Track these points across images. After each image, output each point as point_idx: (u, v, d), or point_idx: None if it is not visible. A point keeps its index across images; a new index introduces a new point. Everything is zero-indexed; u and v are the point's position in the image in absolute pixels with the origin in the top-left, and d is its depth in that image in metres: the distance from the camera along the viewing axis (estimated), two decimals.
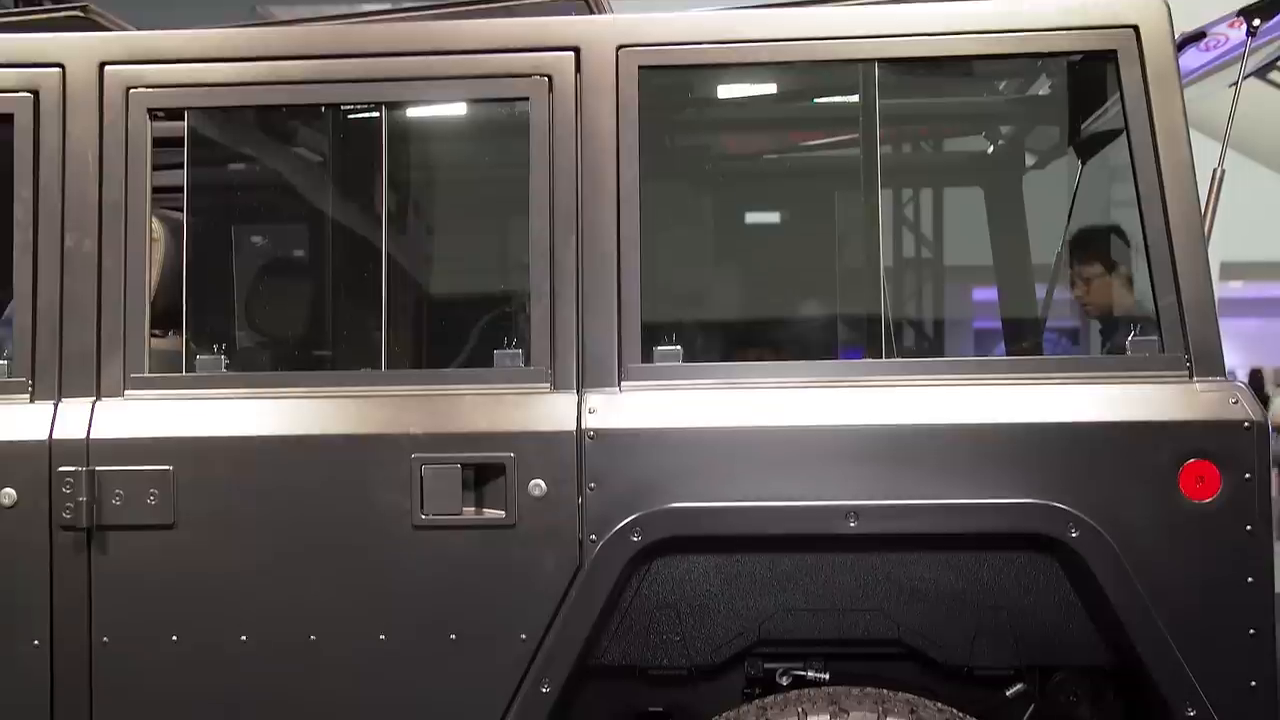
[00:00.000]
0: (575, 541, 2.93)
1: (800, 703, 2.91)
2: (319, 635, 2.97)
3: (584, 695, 3.26)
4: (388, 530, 2.96)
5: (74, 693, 2.99)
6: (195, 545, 2.99)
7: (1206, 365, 2.93)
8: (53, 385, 3.06)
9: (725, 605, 3.10)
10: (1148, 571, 2.84)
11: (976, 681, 3.20)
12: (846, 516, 2.89)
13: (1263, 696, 2.86)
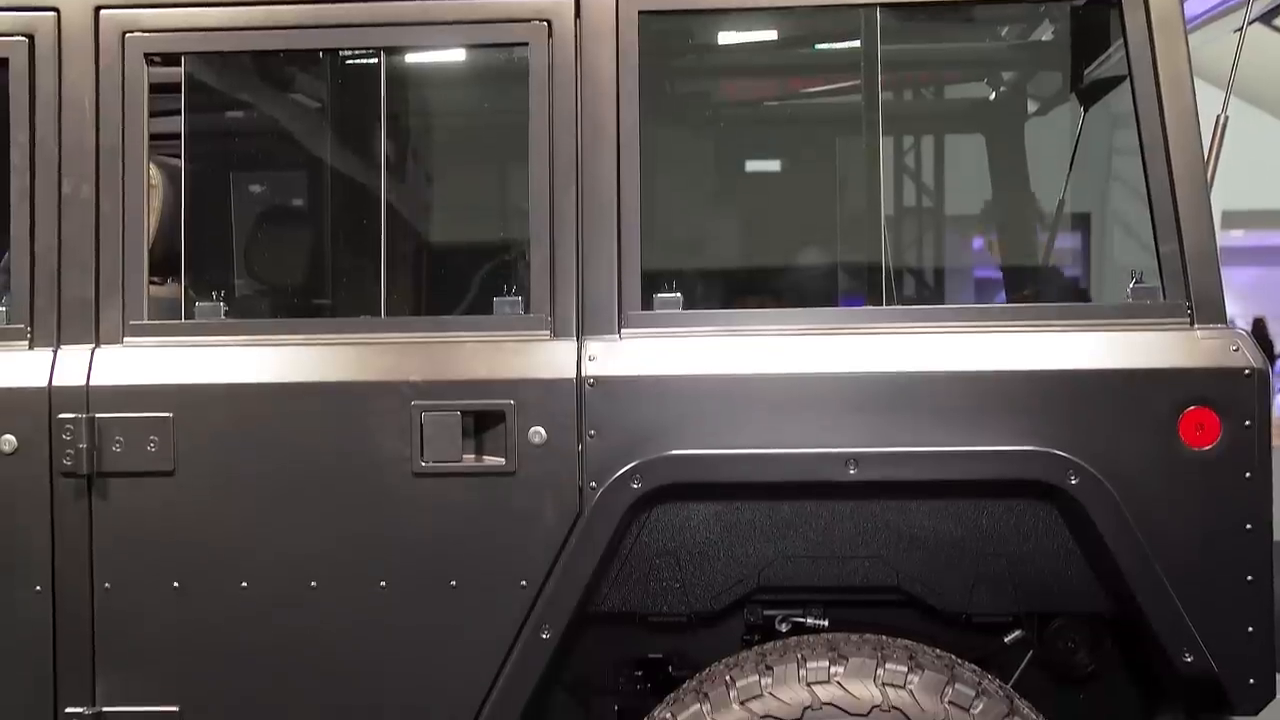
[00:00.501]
0: (575, 489, 2.94)
1: (799, 649, 2.91)
2: (320, 582, 2.98)
3: (584, 642, 3.27)
4: (387, 478, 2.96)
5: (76, 638, 3.00)
6: (195, 492, 2.99)
7: (1208, 312, 2.93)
8: (51, 332, 3.05)
9: (725, 552, 3.11)
10: (1147, 519, 2.85)
11: (975, 628, 3.22)
12: (846, 464, 2.90)
13: (1259, 642, 2.87)
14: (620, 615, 3.18)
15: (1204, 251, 2.94)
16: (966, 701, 2.79)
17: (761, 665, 2.88)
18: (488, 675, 2.96)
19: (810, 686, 2.81)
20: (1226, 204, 12.08)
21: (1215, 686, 2.87)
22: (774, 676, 2.84)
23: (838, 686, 2.80)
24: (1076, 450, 2.86)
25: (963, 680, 2.83)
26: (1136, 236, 4.89)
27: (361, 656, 2.99)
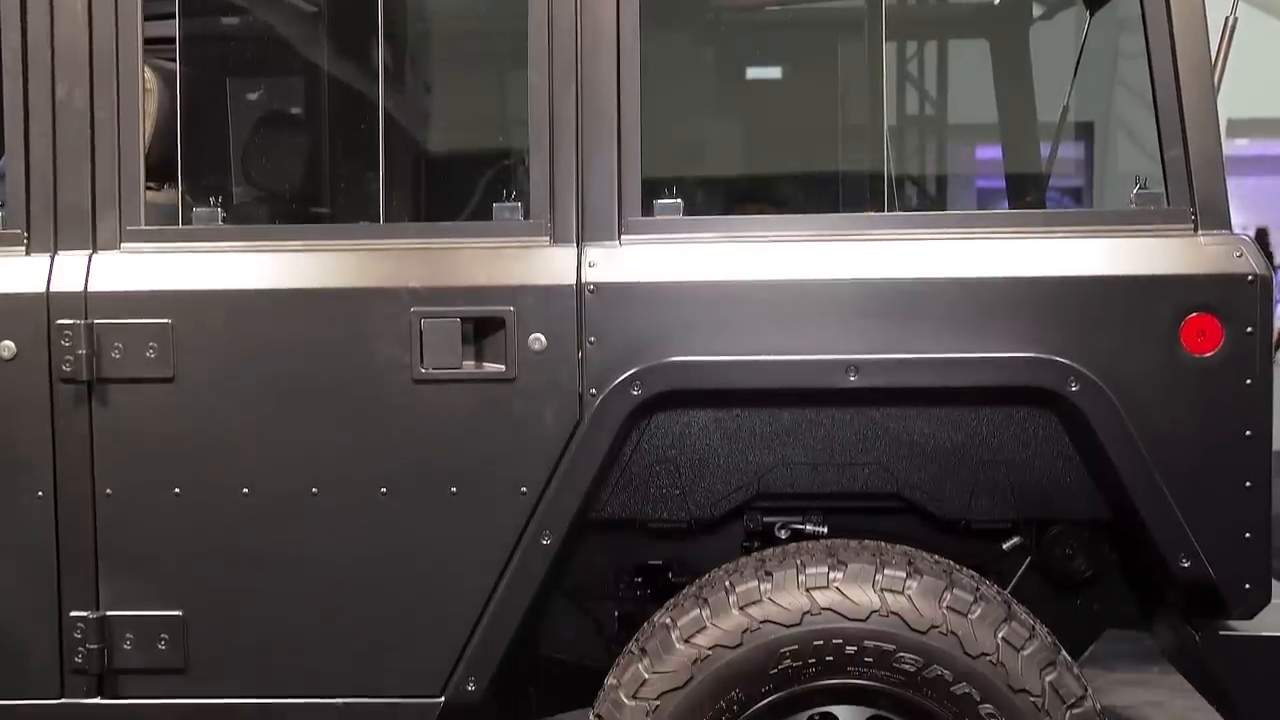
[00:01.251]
0: (575, 395, 2.93)
1: (799, 555, 2.93)
2: (320, 489, 2.99)
3: (584, 548, 3.28)
4: (387, 384, 2.96)
5: (79, 544, 3.01)
6: (195, 399, 2.99)
7: (1212, 218, 2.91)
8: (48, 238, 3.04)
9: (725, 459, 3.12)
10: (1146, 425, 2.85)
11: (974, 535, 3.23)
12: (846, 370, 2.89)
13: (1256, 548, 2.88)
14: (620, 522, 3.19)
15: (1209, 156, 2.92)
16: (964, 607, 2.81)
17: (761, 571, 2.90)
18: (488, 581, 2.98)
19: (809, 592, 2.83)
20: (1232, 112, 11.98)
21: (1212, 591, 2.89)
22: (773, 582, 2.85)
23: (836, 592, 2.82)
24: (1077, 357, 2.85)
25: (961, 586, 2.85)
26: (1141, 144, 4.85)
27: (362, 563, 3.00)
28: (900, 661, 2.80)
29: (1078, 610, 3.38)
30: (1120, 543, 3.24)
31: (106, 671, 3.03)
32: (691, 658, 2.84)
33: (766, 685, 2.84)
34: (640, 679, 2.86)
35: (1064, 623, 3.25)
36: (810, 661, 2.82)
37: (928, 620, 2.79)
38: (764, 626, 2.82)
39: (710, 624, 2.84)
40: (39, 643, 3.03)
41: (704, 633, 2.84)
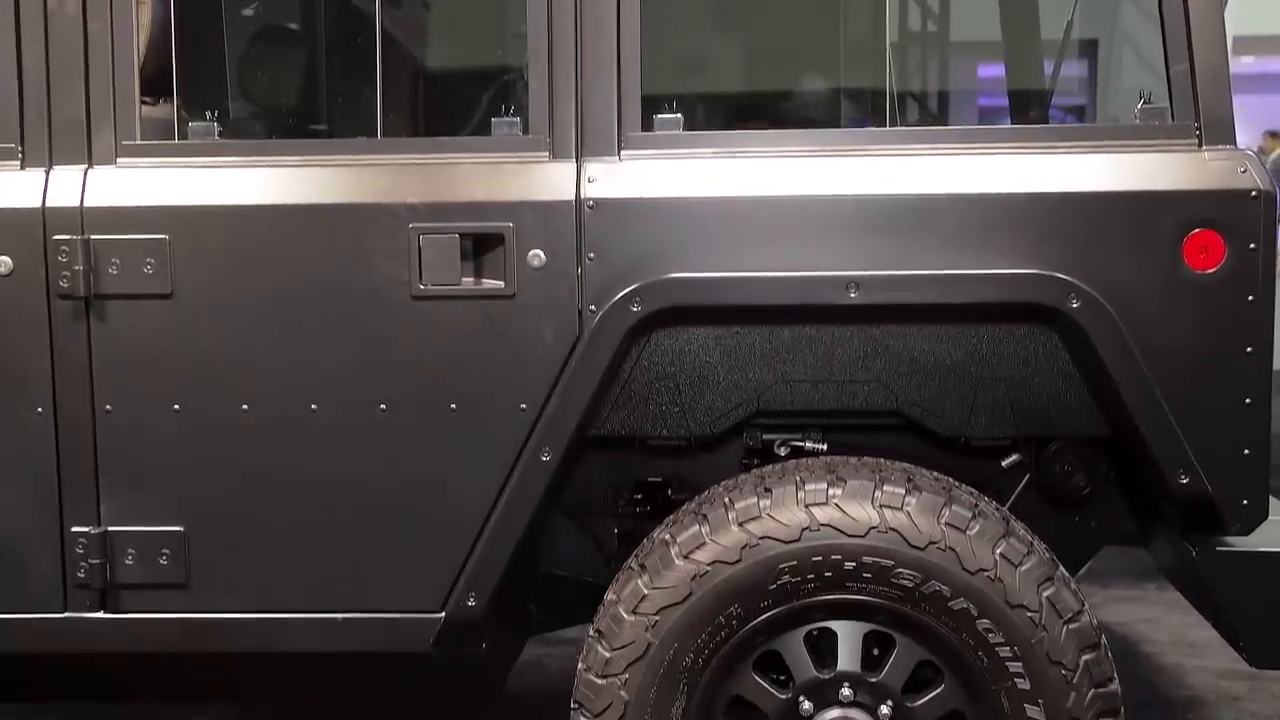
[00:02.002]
0: (575, 312, 2.93)
1: (798, 472, 2.93)
2: (320, 405, 2.99)
3: (584, 466, 3.29)
4: (386, 301, 2.95)
5: (79, 460, 3.02)
6: (193, 315, 2.98)
7: (1217, 133, 2.89)
8: (43, 152, 3.01)
9: (724, 377, 3.11)
10: (1147, 341, 2.84)
11: (973, 453, 3.24)
12: (847, 287, 2.88)
13: (1254, 464, 2.88)
14: (620, 439, 3.19)
15: (1215, 70, 2.89)
16: (963, 523, 2.82)
17: (760, 488, 2.90)
18: (488, 498, 2.98)
19: (808, 508, 2.84)
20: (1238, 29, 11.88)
21: (1209, 507, 2.89)
22: (772, 499, 2.86)
23: (835, 508, 2.83)
24: (1078, 273, 2.84)
25: (960, 502, 2.85)
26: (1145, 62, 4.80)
27: (362, 479, 3.01)
28: (899, 577, 2.81)
29: (1075, 527, 3.39)
30: (1119, 459, 3.25)
31: (109, 587, 3.05)
32: (691, 573, 2.85)
33: (765, 601, 2.86)
34: (640, 594, 2.88)
35: (1062, 539, 3.26)
36: (809, 577, 2.84)
37: (926, 536, 2.80)
38: (763, 543, 2.84)
39: (709, 540, 2.86)
40: (42, 558, 3.05)
41: (703, 549, 2.86)
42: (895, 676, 2.91)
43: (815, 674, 2.92)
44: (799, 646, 2.93)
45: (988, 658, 2.82)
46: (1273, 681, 4.85)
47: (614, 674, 2.89)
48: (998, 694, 2.84)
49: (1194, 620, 5.21)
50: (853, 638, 2.93)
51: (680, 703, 2.90)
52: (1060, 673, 2.80)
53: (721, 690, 2.94)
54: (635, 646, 2.87)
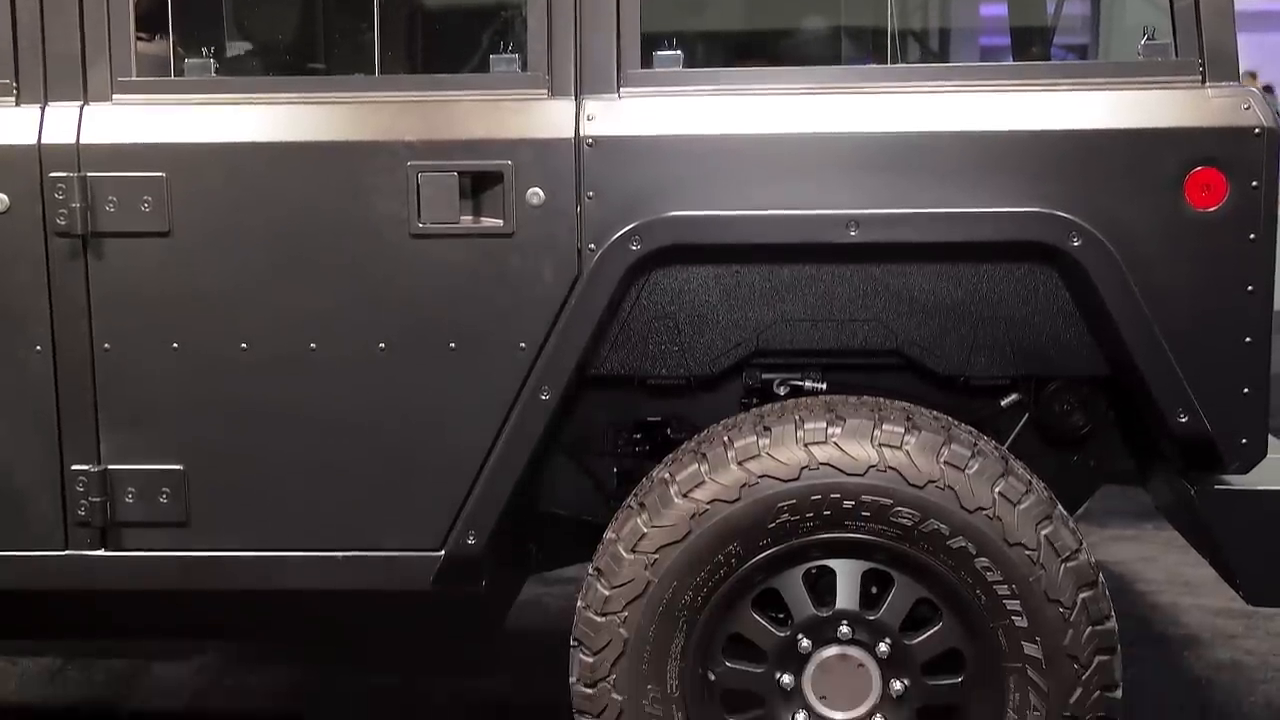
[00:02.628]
0: (574, 250, 2.92)
1: (797, 411, 2.93)
2: (319, 344, 2.99)
3: (583, 405, 3.29)
4: (385, 239, 2.94)
5: (78, 399, 3.02)
6: (191, 253, 2.97)
7: (1221, 70, 2.87)
8: (38, 88, 2.99)
9: (724, 316, 3.11)
10: (1148, 280, 2.83)
11: (972, 392, 3.24)
12: (847, 225, 2.87)
13: (1254, 403, 2.88)
14: (619, 378, 3.19)
15: (1219, 6, 2.86)
16: (962, 462, 2.82)
17: (759, 426, 2.90)
18: (487, 436, 2.98)
19: (807, 447, 2.84)
20: None
21: (1208, 446, 2.89)
22: (772, 437, 2.86)
23: (835, 447, 2.83)
24: (1079, 212, 2.83)
25: (959, 441, 2.86)
26: None
27: (361, 418, 3.01)
28: (897, 516, 2.82)
29: (1074, 466, 3.39)
30: (1118, 399, 3.25)
31: (109, 524, 3.05)
32: (690, 512, 2.86)
33: (764, 539, 2.87)
34: (639, 533, 2.89)
35: (1060, 478, 3.27)
36: (808, 516, 2.84)
37: (925, 475, 2.81)
38: (762, 481, 2.84)
39: (709, 479, 2.86)
40: (43, 496, 3.05)
41: (702, 487, 2.86)
42: (893, 614, 2.93)
43: (814, 612, 2.94)
44: (798, 585, 2.94)
45: (986, 596, 2.83)
46: (1268, 619, 4.88)
47: (613, 612, 2.90)
48: (995, 632, 2.85)
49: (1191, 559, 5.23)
50: (851, 576, 2.94)
51: (679, 640, 2.91)
52: (1058, 610, 2.81)
53: (720, 628, 2.96)
54: (634, 584, 2.88)
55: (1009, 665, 2.86)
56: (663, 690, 2.92)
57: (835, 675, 2.94)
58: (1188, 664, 4.55)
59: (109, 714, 4.30)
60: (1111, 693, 2.84)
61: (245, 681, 4.51)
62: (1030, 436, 3.30)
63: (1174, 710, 4.17)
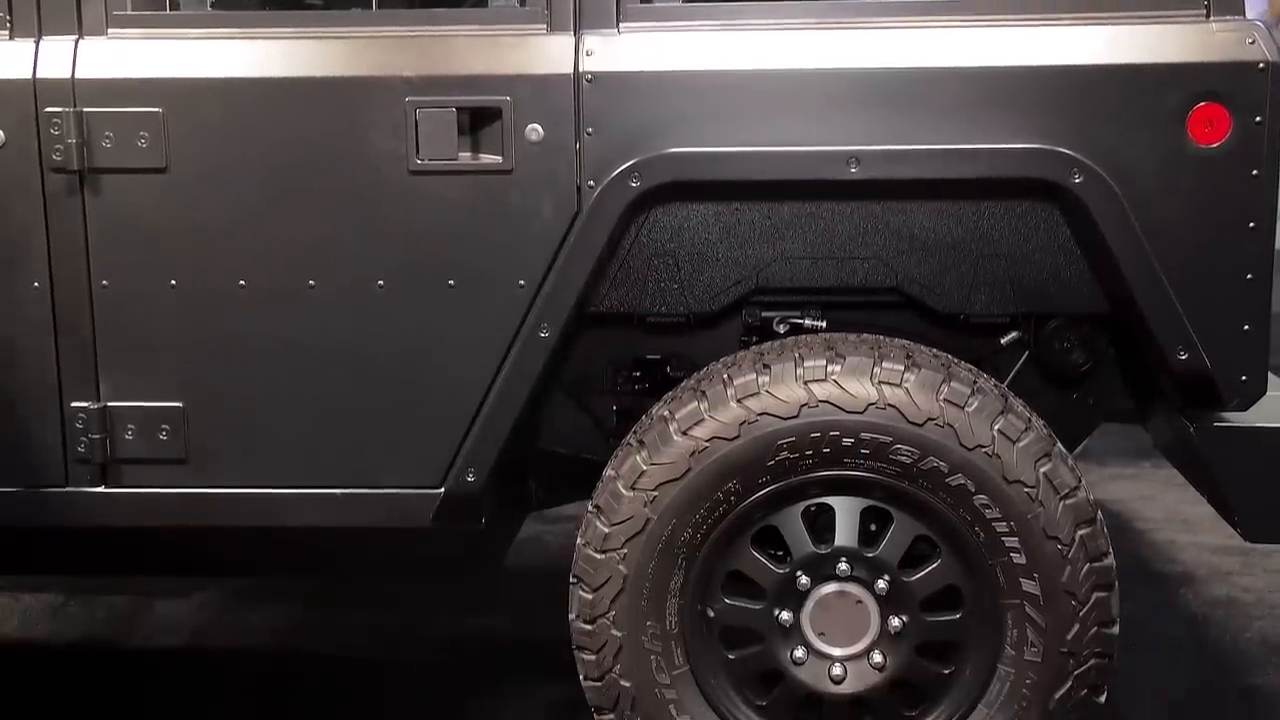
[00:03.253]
0: (573, 187, 2.90)
1: (797, 348, 2.93)
2: (317, 281, 2.98)
3: (582, 344, 3.29)
4: (383, 175, 2.93)
5: (77, 335, 3.01)
6: (189, 189, 2.96)
7: (1224, 4, 2.84)
8: (32, 22, 2.96)
9: (723, 253, 3.10)
10: (1149, 217, 2.82)
11: (972, 330, 3.23)
12: (848, 162, 2.85)
13: (1254, 340, 2.87)
14: (618, 316, 3.18)
15: None
16: (962, 399, 2.82)
17: (759, 364, 2.90)
18: (487, 374, 2.98)
19: (807, 385, 2.83)
20: None
21: (1208, 383, 2.89)
22: (771, 375, 2.86)
23: (834, 385, 2.83)
24: (1081, 148, 2.81)
25: (958, 379, 2.85)
26: None
27: (361, 355, 3.00)
28: (897, 453, 2.82)
29: (1073, 404, 3.40)
30: (1118, 336, 3.24)
31: (109, 461, 3.06)
32: (689, 449, 2.86)
33: (764, 477, 2.87)
34: (638, 470, 2.89)
35: (1060, 416, 3.27)
36: (807, 453, 2.84)
37: (925, 413, 2.80)
38: (761, 419, 2.84)
39: (708, 416, 2.86)
40: (42, 433, 3.05)
41: (702, 425, 2.86)
42: (892, 552, 2.93)
43: (813, 549, 2.94)
44: (797, 522, 2.95)
45: (984, 533, 2.84)
46: (1264, 556, 4.90)
47: (612, 549, 2.91)
48: (994, 569, 2.86)
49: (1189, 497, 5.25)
50: (850, 513, 2.94)
51: (678, 577, 2.92)
52: (1056, 547, 2.82)
53: (719, 565, 2.97)
54: (634, 522, 2.89)
55: (1007, 602, 2.87)
56: (662, 627, 2.94)
57: (834, 612, 2.95)
58: (1184, 601, 4.58)
59: (110, 650, 4.33)
60: (1109, 629, 2.86)
61: (245, 619, 4.54)
62: (1030, 374, 3.30)
63: (1170, 646, 4.19)
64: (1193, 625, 4.37)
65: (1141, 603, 4.49)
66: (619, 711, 2.96)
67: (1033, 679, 2.87)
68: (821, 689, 2.97)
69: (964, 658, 2.96)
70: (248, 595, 4.71)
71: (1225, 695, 3.86)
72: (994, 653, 2.90)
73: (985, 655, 2.92)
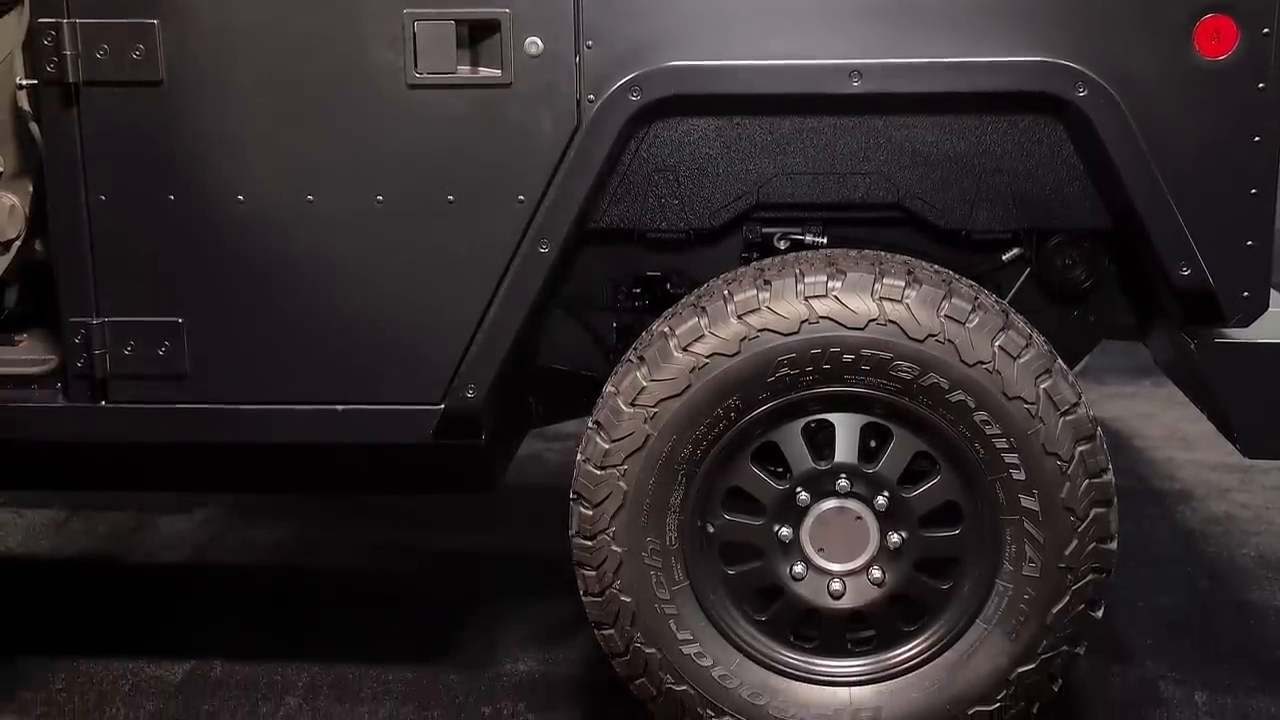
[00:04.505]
0: (573, 101, 2.87)
1: (798, 264, 2.91)
2: (316, 196, 2.96)
3: (582, 260, 3.28)
4: (381, 89, 2.90)
5: (75, 249, 3.00)
6: (185, 103, 2.93)
7: None
8: None
9: (724, 168, 3.07)
10: (1154, 131, 2.79)
11: (973, 247, 3.22)
12: (850, 76, 2.83)
13: (1257, 255, 2.86)
14: (618, 233, 3.17)
15: None
16: (962, 315, 2.81)
17: (760, 280, 2.89)
18: (487, 290, 2.97)
19: (808, 301, 2.82)
20: None
21: (1210, 299, 2.88)
22: (772, 291, 2.85)
23: (835, 300, 2.82)
24: (1086, 61, 2.78)
25: (959, 295, 2.84)
26: None
27: (360, 272, 2.99)
28: (897, 370, 2.81)
29: (1074, 321, 3.39)
30: (1120, 253, 3.23)
31: (109, 376, 3.05)
32: (689, 366, 2.85)
33: (764, 393, 2.87)
34: (639, 386, 2.88)
35: (1061, 333, 3.27)
36: (807, 370, 2.84)
37: (925, 329, 2.79)
38: (762, 335, 2.83)
39: (708, 332, 2.85)
40: None
41: (702, 341, 2.85)
42: (892, 468, 2.94)
43: (813, 465, 2.95)
44: (797, 438, 2.95)
45: (984, 449, 2.84)
46: (1263, 473, 4.92)
47: (613, 465, 2.91)
48: (993, 485, 2.86)
49: (1188, 415, 5.28)
50: (850, 430, 2.95)
51: (678, 493, 2.93)
52: (1056, 464, 2.82)
53: (719, 481, 2.97)
54: (634, 438, 2.89)
55: (1006, 518, 2.88)
56: (662, 542, 2.94)
57: (833, 528, 2.96)
58: (1182, 517, 4.60)
59: (112, 566, 4.35)
60: (1107, 544, 2.86)
61: (246, 536, 4.56)
62: (1031, 291, 3.29)
63: (1168, 562, 4.22)
64: (1190, 541, 4.40)
65: (1140, 519, 4.51)
66: (619, 626, 2.98)
67: (1031, 594, 2.88)
68: (820, 604, 2.99)
69: (962, 573, 2.97)
70: (249, 512, 4.73)
71: (1221, 610, 3.88)
72: (992, 568, 2.92)
73: (984, 571, 2.93)
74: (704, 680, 2.99)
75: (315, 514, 4.70)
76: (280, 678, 3.52)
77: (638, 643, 2.97)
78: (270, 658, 3.61)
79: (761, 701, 2.99)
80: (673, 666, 2.98)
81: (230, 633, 3.79)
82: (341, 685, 3.47)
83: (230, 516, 4.70)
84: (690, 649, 2.98)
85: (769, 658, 3.02)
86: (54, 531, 4.61)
